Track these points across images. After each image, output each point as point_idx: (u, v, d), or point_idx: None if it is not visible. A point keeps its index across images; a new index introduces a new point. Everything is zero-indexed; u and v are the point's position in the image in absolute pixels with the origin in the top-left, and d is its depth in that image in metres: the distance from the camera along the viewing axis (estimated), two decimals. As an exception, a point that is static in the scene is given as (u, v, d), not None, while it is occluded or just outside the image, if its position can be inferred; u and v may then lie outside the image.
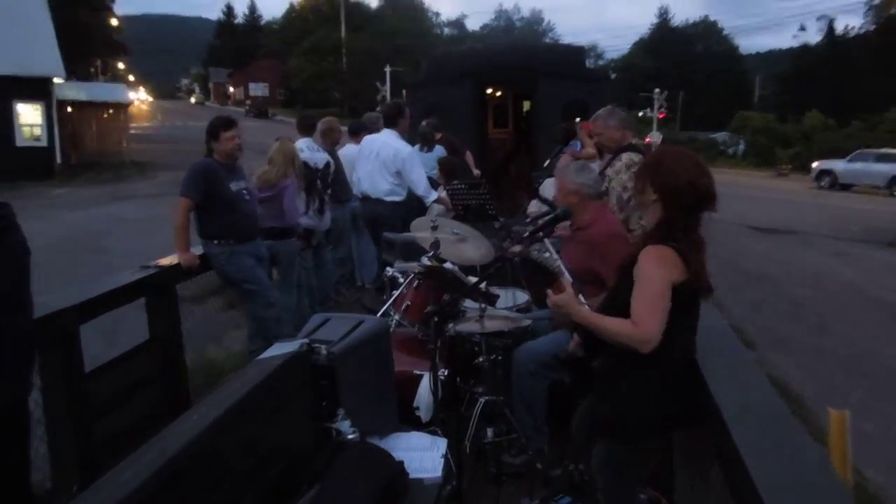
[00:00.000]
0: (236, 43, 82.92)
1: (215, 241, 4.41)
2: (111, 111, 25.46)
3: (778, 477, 1.58)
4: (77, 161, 23.09)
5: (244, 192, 4.53)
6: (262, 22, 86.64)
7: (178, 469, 1.55)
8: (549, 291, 2.33)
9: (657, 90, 38.23)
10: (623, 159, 4.02)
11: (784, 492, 1.51)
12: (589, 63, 56.08)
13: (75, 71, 29.54)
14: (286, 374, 2.03)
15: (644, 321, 2.14)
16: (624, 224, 3.69)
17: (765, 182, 30.44)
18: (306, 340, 2.19)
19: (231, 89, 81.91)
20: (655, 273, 2.17)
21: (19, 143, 21.24)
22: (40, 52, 20.46)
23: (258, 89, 74.35)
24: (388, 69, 40.72)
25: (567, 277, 2.90)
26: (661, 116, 40.79)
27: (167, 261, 4.19)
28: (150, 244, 7.92)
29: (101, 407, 3.36)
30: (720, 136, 46.11)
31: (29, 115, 21.55)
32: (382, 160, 5.85)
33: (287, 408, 2.05)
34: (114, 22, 42.16)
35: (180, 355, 4.15)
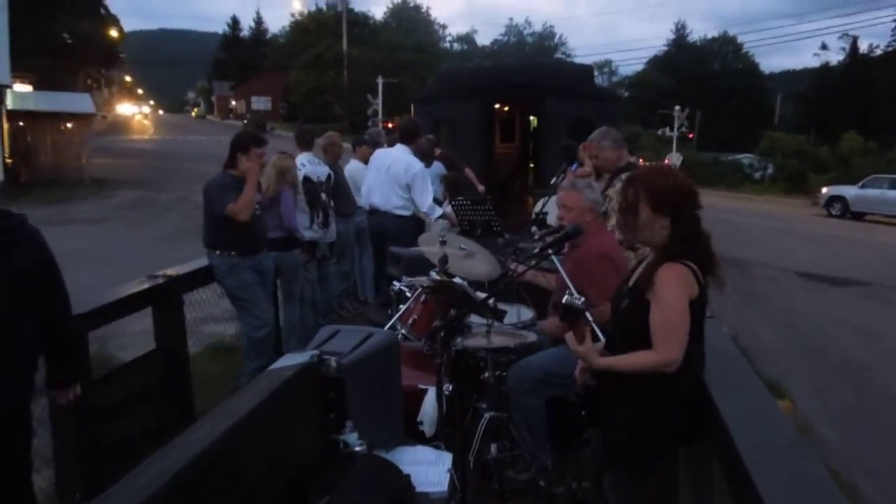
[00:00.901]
0: (241, 56, 79.93)
1: (217, 252, 4.43)
2: (71, 123, 22.34)
3: (782, 490, 1.59)
4: (28, 178, 20.37)
5: (255, 207, 4.52)
6: (269, 35, 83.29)
7: (189, 478, 1.56)
8: (571, 337, 2.32)
9: (677, 107, 34.36)
10: (623, 179, 4.04)
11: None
12: (602, 79, 54.63)
13: (54, 81, 27.57)
14: (297, 385, 2.04)
15: (667, 345, 2.16)
16: (622, 244, 3.65)
17: (772, 208, 28.03)
18: (317, 352, 2.21)
19: (233, 103, 79.32)
20: (676, 294, 2.17)
21: (-47, 158, 18.13)
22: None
23: (260, 103, 71.45)
24: (380, 80, 36.77)
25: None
26: (688, 136, 37.01)
27: (175, 270, 4.22)
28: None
29: (107, 415, 3.36)
30: (745, 158, 42.04)
31: (-34, 127, 18.53)
32: (394, 173, 5.89)
33: (297, 419, 2.07)
34: (113, 33, 40.62)
35: (186, 365, 4.16)
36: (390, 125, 29.00)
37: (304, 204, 5.56)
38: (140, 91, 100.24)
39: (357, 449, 2.17)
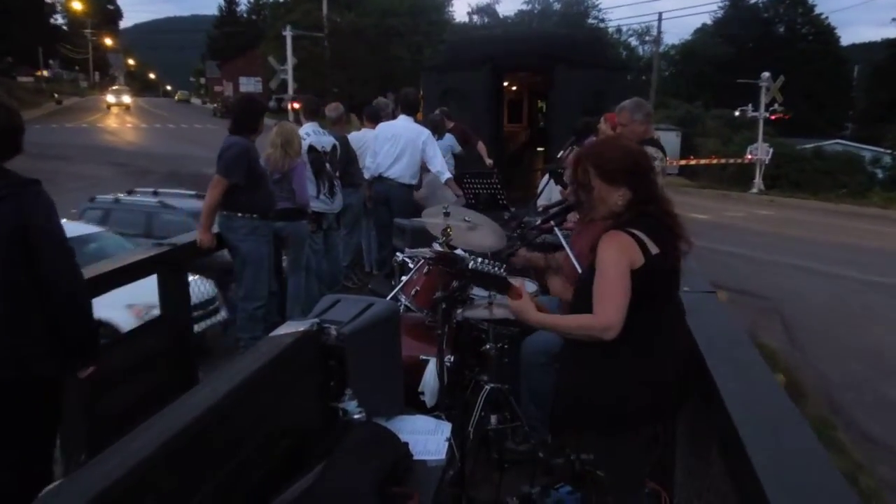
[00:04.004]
0: (237, 33, 66.45)
1: (239, 214, 4.45)
2: None
3: (779, 468, 1.59)
4: None
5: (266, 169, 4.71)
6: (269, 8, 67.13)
7: (188, 440, 1.58)
8: (509, 298, 2.31)
9: (766, 74, 23.87)
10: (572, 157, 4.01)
11: (785, 482, 1.53)
12: (644, 50, 48.79)
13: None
14: (296, 353, 2.06)
15: (602, 309, 2.12)
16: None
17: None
18: (317, 320, 2.22)
19: (222, 85, 66.17)
20: (610, 259, 2.15)
21: None
22: None
23: (249, 84, 56.71)
24: (288, 32, 25.56)
25: (578, 269, 2.92)
26: (785, 117, 26.02)
27: (180, 239, 4.23)
28: None
29: (112, 381, 3.40)
30: (863, 150, 29.79)
31: None
32: (409, 140, 6.01)
33: (296, 385, 2.08)
34: (76, 5, 36.17)
35: (189, 332, 4.20)
36: (297, 105, 20.54)
37: (310, 173, 5.56)
38: (152, 76, 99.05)
39: (356, 416, 2.20)
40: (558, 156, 4.98)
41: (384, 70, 38.34)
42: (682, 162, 28.70)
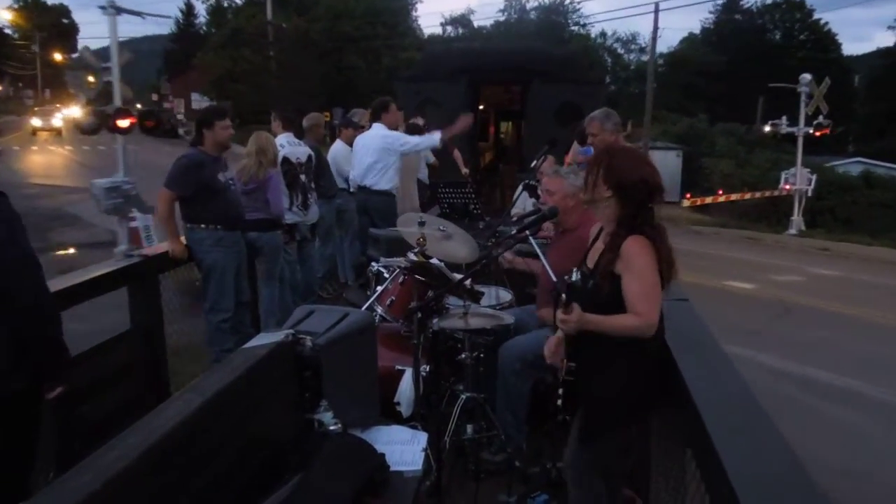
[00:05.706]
0: (195, 46, 52.49)
1: (202, 226, 4.41)
2: None
3: (751, 471, 1.62)
4: None
5: (230, 182, 4.62)
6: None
7: (161, 454, 1.56)
8: (561, 314, 2.33)
9: (806, 76, 17.93)
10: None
11: (756, 485, 1.55)
12: (630, 58, 48.05)
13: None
14: (271, 364, 2.04)
15: (645, 309, 2.25)
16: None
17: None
18: (292, 331, 2.20)
19: (173, 101, 54.08)
20: (645, 261, 2.27)
21: None
22: None
23: (203, 100, 45.48)
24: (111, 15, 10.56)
25: (553, 278, 2.94)
26: (818, 134, 18.89)
27: (151, 250, 4.18)
28: None
29: (81, 395, 3.33)
30: (871, 167, 24.70)
31: None
32: (379, 148, 5.97)
33: (271, 397, 2.06)
34: (6, 15, 33.33)
35: (161, 345, 4.14)
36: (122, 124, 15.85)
37: (283, 185, 5.53)
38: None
39: (332, 428, 2.18)
40: (532, 165, 5.03)
41: (337, 81, 35.90)
42: (708, 200, 20.98)
